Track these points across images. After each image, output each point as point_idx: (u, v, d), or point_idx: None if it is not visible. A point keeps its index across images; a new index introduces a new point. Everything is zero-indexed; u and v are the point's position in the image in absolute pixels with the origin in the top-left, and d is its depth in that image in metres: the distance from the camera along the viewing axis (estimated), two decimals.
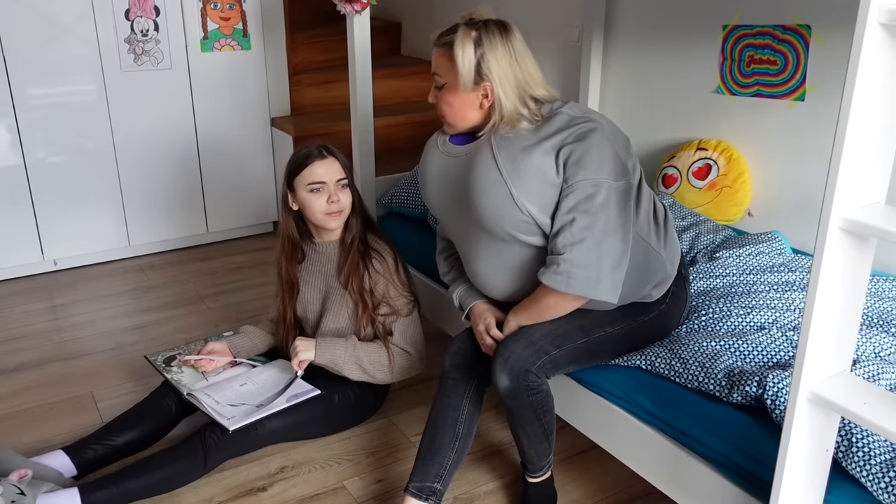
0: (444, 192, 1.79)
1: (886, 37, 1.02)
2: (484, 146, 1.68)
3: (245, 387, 2.05)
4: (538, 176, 1.59)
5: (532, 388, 1.65)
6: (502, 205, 1.63)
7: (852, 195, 1.10)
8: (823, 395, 1.18)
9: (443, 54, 1.67)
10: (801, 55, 2.30)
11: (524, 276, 1.73)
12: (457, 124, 1.73)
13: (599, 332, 1.72)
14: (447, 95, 1.69)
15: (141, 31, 3.16)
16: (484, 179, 1.65)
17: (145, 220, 3.41)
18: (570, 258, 1.56)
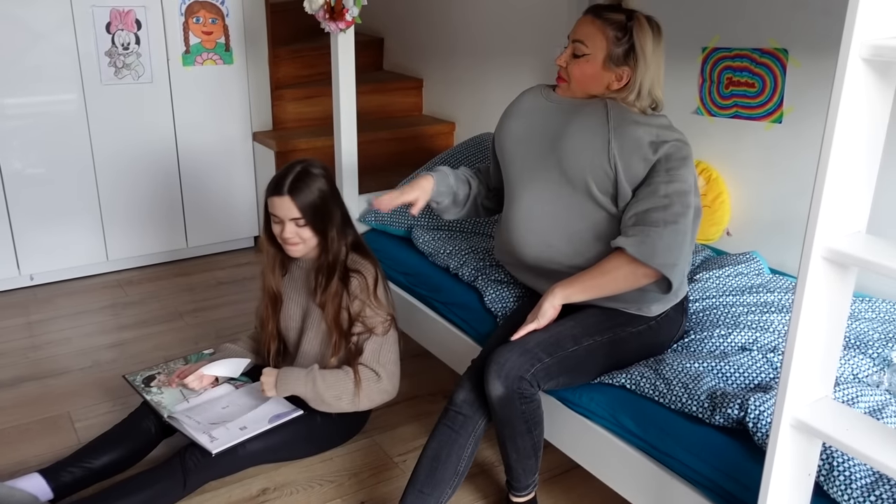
0: (530, 128, 1.88)
1: (868, 71, 1.04)
2: (597, 102, 1.80)
3: (227, 409, 2.03)
4: (637, 144, 1.72)
5: (526, 396, 1.67)
6: (595, 148, 1.75)
7: (834, 225, 1.12)
8: (807, 422, 1.20)
9: (599, 28, 1.75)
10: (778, 78, 2.34)
11: (565, 234, 1.81)
12: (577, 92, 1.83)
13: (589, 340, 1.76)
14: (585, 65, 1.78)
15: (122, 45, 3.14)
16: (589, 123, 1.77)
17: (124, 235, 3.38)
18: (662, 233, 1.66)
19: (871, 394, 1.59)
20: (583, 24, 1.77)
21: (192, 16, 3.26)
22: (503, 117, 1.99)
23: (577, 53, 1.78)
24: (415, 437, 2.28)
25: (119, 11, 3.09)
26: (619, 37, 1.74)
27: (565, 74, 1.83)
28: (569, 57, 1.80)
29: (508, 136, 1.94)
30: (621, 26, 1.74)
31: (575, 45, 1.78)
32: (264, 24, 3.45)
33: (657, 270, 1.67)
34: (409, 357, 2.67)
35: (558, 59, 1.83)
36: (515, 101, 1.99)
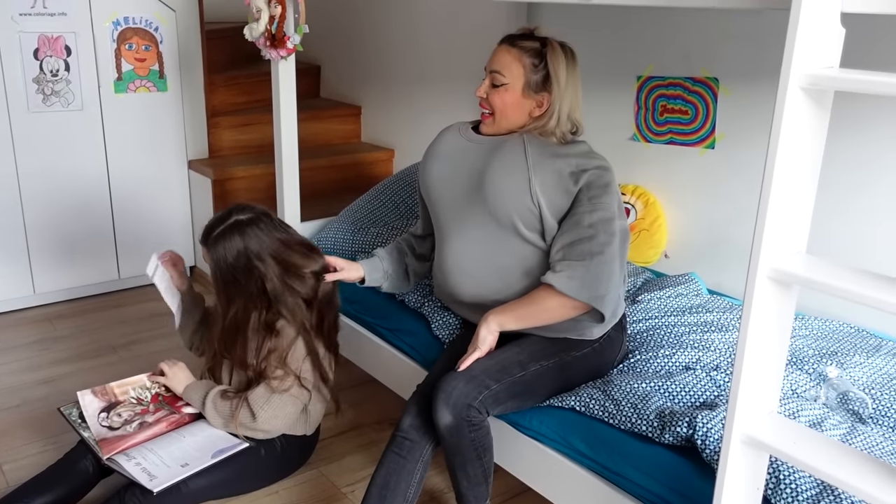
0: (452, 169, 1.89)
1: (805, 99, 1.09)
2: (514, 139, 1.82)
3: (169, 446, 1.96)
4: (557, 178, 1.74)
5: (474, 423, 1.66)
6: (517, 188, 1.76)
7: (778, 246, 1.17)
8: (756, 437, 1.23)
9: (516, 58, 1.76)
10: (710, 106, 2.44)
11: (497, 273, 1.83)
12: (501, 125, 1.84)
13: (536, 365, 1.77)
14: (505, 94, 1.79)
15: (51, 71, 3.04)
16: (508, 162, 1.78)
17: (53, 267, 3.25)
18: (588, 266, 1.67)
19: (811, 408, 1.65)
20: (499, 54, 1.79)
21: (125, 42, 3.19)
22: (425, 159, 1.99)
23: (496, 83, 1.79)
24: (362, 466, 2.25)
25: (48, 37, 3.01)
26: (536, 64, 1.76)
27: (488, 106, 1.83)
28: (488, 87, 1.81)
29: (432, 179, 1.94)
30: (537, 53, 1.76)
31: (493, 76, 1.79)
32: (199, 51, 3.40)
33: (585, 303, 1.69)
34: (354, 385, 2.65)
35: (477, 91, 1.83)
36: (435, 141, 1.99)
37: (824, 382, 1.79)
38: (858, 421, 1.68)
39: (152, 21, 3.23)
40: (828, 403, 1.73)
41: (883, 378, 1.84)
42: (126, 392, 2.11)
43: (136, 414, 2.06)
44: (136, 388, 2.13)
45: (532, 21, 2.86)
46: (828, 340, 2.04)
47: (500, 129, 1.85)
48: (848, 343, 2.02)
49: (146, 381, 2.15)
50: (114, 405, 2.07)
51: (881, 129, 2.06)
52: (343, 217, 2.69)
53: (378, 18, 3.72)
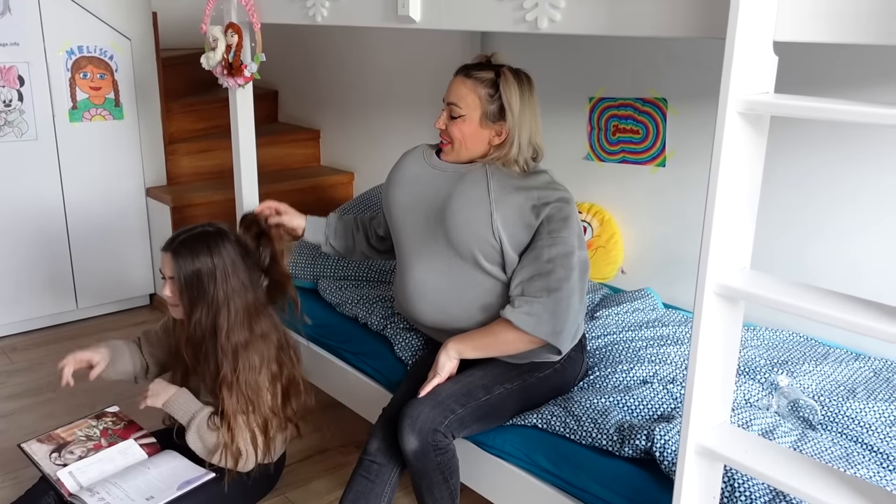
0: (415, 197, 1.90)
1: (743, 123, 1.15)
2: (477, 169, 1.83)
3: (134, 479, 1.94)
4: (519, 212, 1.76)
5: (440, 447, 1.68)
6: (478, 222, 1.77)
7: (723, 262, 1.22)
8: (709, 447, 1.28)
9: (471, 89, 1.78)
10: (659, 125, 2.51)
11: (457, 303, 1.85)
12: (462, 154, 1.85)
13: (500, 388, 1.80)
14: (463, 125, 1.81)
15: (3, 102, 3.01)
16: (469, 195, 1.80)
17: (7, 299, 3.20)
18: (545, 303, 1.70)
19: (763, 417, 1.71)
20: (455, 86, 1.81)
21: (79, 71, 3.17)
22: (388, 183, 2.00)
23: (454, 115, 1.80)
24: (329, 490, 2.25)
25: (0, 68, 2.98)
26: (492, 94, 1.78)
27: (447, 137, 1.85)
28: (446, 119, 1.83)
29: (395, 205, 1.95)
30: (492, 83, 1.78)
31: (450, 108, 1.81)
32: (156, 79, 3.40)
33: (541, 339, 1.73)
34: (319, 409, 2.64)
35: (437, 123, 1.85)
36: (398, 165, 2.00)
37: (775, 391, 1.85)
38: (809, 427, 1.74)
39: (107, 50, 3.22)
40: (779, 411, 1.79)
41: (831, 385, 1.91)
42: (73, 433, 2.09)
43: (88, 450, 2.03)
44: (82, 429, 2.10)
45: (486, 47, 2.92)
46: (778, 350, 2.11)
47: (460, 158, 1.87)
48: (798, 352, 2.10)
49: (91, 421, 2.13)
50: (63, 445, 2.05)
51: (819, 150, 2.15)
52: (304, 242, 2.69)
53: (334, 43, 3.76)
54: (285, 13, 2.12)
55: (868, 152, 2.07)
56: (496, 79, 1.78)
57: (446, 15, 1.67)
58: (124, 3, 3.24)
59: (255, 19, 2.22)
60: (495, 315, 1.80)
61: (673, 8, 1.26)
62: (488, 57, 1.85)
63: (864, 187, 2.08)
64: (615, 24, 1.35)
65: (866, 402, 1.79)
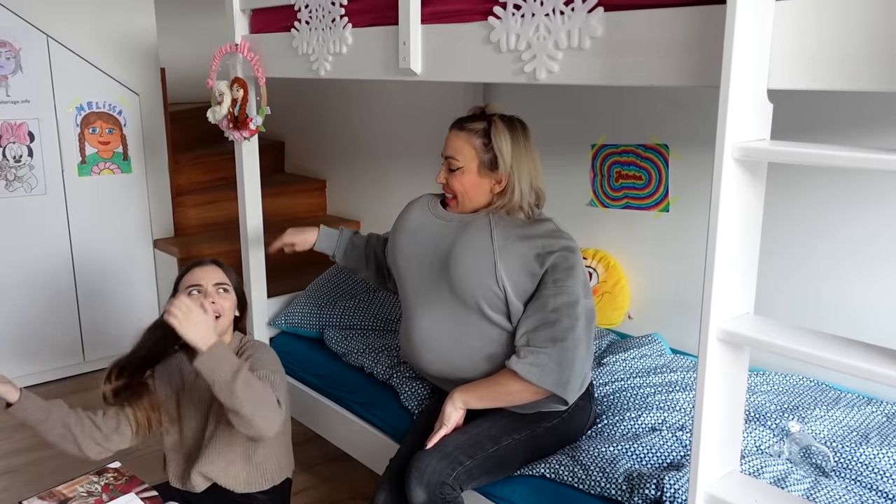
0: (420, 246, 1.90)
1: (740, 170, 1.16)
2: (481, 218, 1.84)
3: None
4: (522, 261, 1.75)
5: (448, 500, 1.67)
6: (482, 272, 1.76)
7: (725, 308, 1.22)
8: (719, 496, 1.26)
9: (466, 140, 1.81)
10: (662, 171, 2.53)
11: (462, 352, 1.83)
12: (466, 205, 1.86)
13: (508, 439, 1.77)
14: (462, 177, 1.83)
15: (13, 157, 3.06)
16: (473, 244, 1.80)
17: (14, 352, 3.20)
18: (551, 354, 1.68)
19: (774, 464, 1.68)
20: (451, 140, 1.84)
21: (88, 126, 3.23)
22: (394, 232, 2.01)
23: (452, 168, 1.83)
24: None
25: (10, 124, 3.04)
26: (486, 143, 1.79)
27: (449, 191, 1.87)
28: (446, 173, 1.85)
29: (400, 255, 1.96)
30: (485, 133, 1.79)
31: (448, 161, 1.84)
32: (163, 133, 3.45)
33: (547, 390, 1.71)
34: (327, 461, 2.62)
35: (437, 178, 1.88)
36: (403, 215, 2.02)
37: (787, 437, 1.82)
38: (821, 475, 1.71)
39: (116, 105, 3.29)
40: (791, 458, 1.76)
41: (843, 430, 1.88)
42: (74, 490, 2.07)
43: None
44: (84, 485, 2.09)
45: (488, 97, 2.96)
46: (788, 395, 2.08)
47: (465, 210, 1.88)
48: (808, 397, 2.07)
49: (93, 477, 2.11)
50: (65, 502, 2.03)
51: (825, 197, 2.16)
52: (309, 292, 2.71)
53: (340, 95, 3.82)
54: (289, 68, 2.16)
55: (876, 200, 2.07)
56: (488, 128, 1.80)
57: (447, 67, 1.70)
58: (133, 60, 3.31)
59: (260, 74, 2.26)
60: (500, 365, 1.79)
61: (668, 58, 1.28)
62: (482, 108, 1.87)
63: (870, 233, 2.08)
64: (612, 75, 1.37)
65: (880, 448, 1.75)
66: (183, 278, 2.00)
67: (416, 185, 3.07)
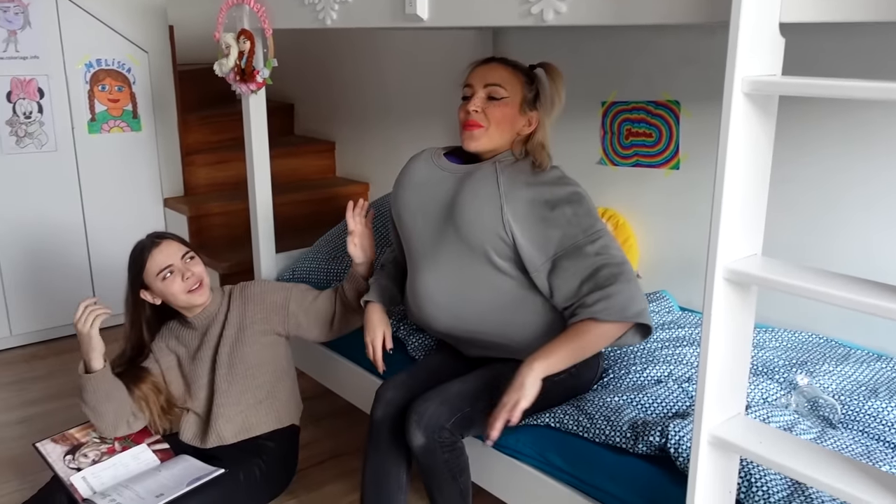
0: (424, 199, 1.87)
1: (749, 105, 1.14)
2: (487, 167, 1.81)
3: (162, 473, 1.96)
4: (531, 207, 1.72)
5: (446, 445, 1.67)
6: (488, 217, 1.74)
7: (732, 248, 1.21)
8: (723, 437, 1.26)
9: (512, 73, 1.79)
10: (673, 128, 2.50)
11: (473, 301, 1.79)
12: (494, 138, 1.80)
13: None
14: (504, 108, 1.78)
15: (24, 113, 3.07)
16: (479, 190, 1.77)
17: (28, 308, 3.24)
18: (621, 288, 1.64)
19: (781, 414, 1.67)
20: (494, 69, 1.79)
21: (98, 84, 3.22)
22: (396, 188, 1.97)
23: (495, 96, 1.77)
24: (343, 493, 2.24)
25: (20, 80, 3.03)
26: (529, 82, 1.80)
27: (483, 120, 1.78)
28: (483, 102, 1.78)
29: (405, 209, 1.92)
30: (527, 73, 1.81)
31: (492, 89, 1.77)
32: (172, 91, 3.44)
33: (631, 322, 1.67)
34: (335, 414, 2.65)
35: (470, 104, 1.78)
36: (405, 170, 1.97)
37: (794, 390, 1.81)
38: (829, 426, 1.70)
39: (125, 62, 3.27)
40: (798, 410, 1.76)
41: (852, 385, 1.87)
42: (87, 434, 2.10)
43: (102, 454, 2.05)
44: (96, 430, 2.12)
45: (497, 49, 2.93)
46: (797, 351, 2.07)
47: (489, 145, 1.80)
48: (817, 353, 2.06)
49: None
50: (77, 447, 2.06)
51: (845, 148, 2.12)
52: (317, 247, 2.71)
53: (347, 55, 3.79)
54: (296, 18, 2.14)
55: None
56: (530, 70, 1.82)
57: (453, 11, 1.68)
58: (141, 17, 3.30)
59: (266, 25, 2.24)
60: (511, 319, 1.77)
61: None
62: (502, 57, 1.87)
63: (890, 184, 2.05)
64: (620, 14, 1.35)
65: (889, 402, 1.74)
66: (146, 265, 2.04)
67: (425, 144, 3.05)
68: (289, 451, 2.18)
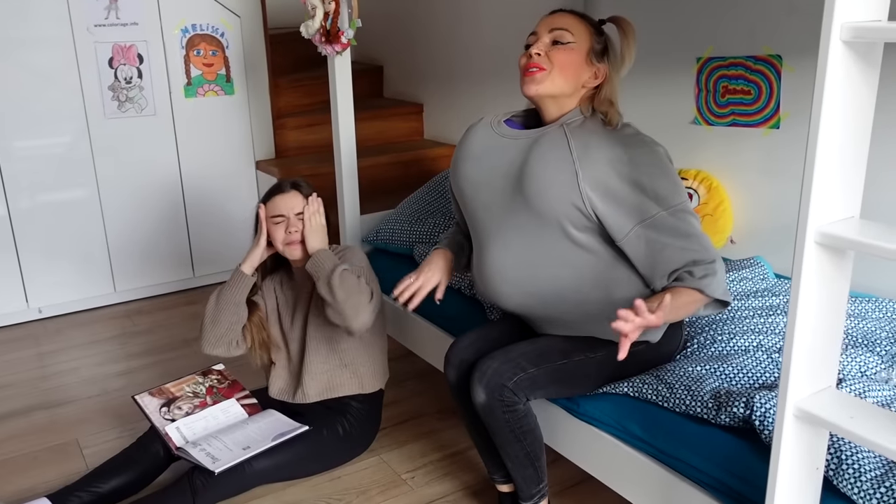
0: (488, 170, 1.74)
1: (849, 53, 1.05)
2: (554, 130, 1.68)
3: (250, 426, 2.05)
4: (609, 166, 1.60)
5: (507, 404, 1.64)
6: (562, 185, 1.61)
7: (827, 210, 1.12)
8: (809, 411, 1.18)
9: (580, 21, 1.70)
10: (773, 84, 2.35)
11: (544, 276, 1.68)
12: (556, 82, 1.67)
13: (580, 356, 1.72)
14: (570, 53, 1.67)
15: (125, 79, 3.19)
16: (549, 156, 1.64)
17: (131, 267, 3.41)
18: (718, 267, 1.59)
19: (879, 389, 1.57)
20: (562, 16, 1.71)
21: (193, 48, 3.32)
22: (455, 161, 1.84)
23: (560, 41, 1.67)
24: (422, 454, 2.27)
25: (121, 46, 3.15)
26: (598, 35, 1.71)
27: (545, 63, 1.66)
28: (546, 46, 1.67)
29: (467, 182, 1.79)
30: (597, 25, 1.72)
31: (557, 33, 1.67)
32: (264, 55, 3.51)
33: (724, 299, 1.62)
34: (417, 376, 2.67)
35: (533, 48, 1.67)
36: (465, 140, 1.84)
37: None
38: None
39: (218, 27, 3.35)
40: None
41: None
42: (181, 389, 2.21)
43: (195, 406, 2.15)
44: (190, 385, 2.23)
45: (588, 7, 2.83)
46: None
47: (552, 89, 1.67)
48: None
49: (198, 377, 2.25)
50: (172, 400, 2.17)
51: None
52: (401, 209, 2.72)
53: (437, 16, 3.75)
54: None
55: None
56: (600, 24, 1.73)
57: None
58: None
59: None
60: (593, 297, 1.67)
61: None
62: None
63: None
64: None
65: None
66: (267, 205, 2.11)
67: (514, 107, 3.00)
68: (372, 412, 2.22)
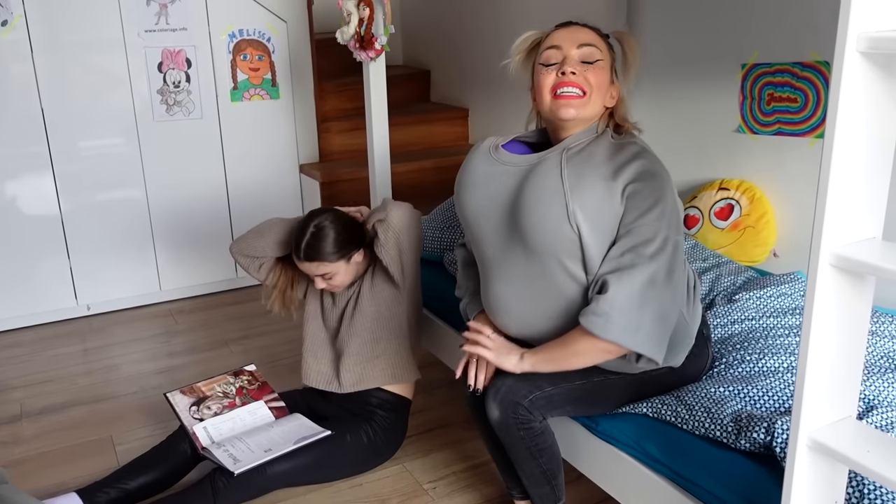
0: (487, 199, 1.65)
1: (867, 65, 0.98)
2: (551, 158, 1.58)
3: (274, 430, 2.07)
4: (600, 195, 1.50)
5: (522, 422, 1.60)
6: (554, 218, 1.52)
7: (844, 230, 1.06)
8: (824, 442, 1.12)
9: (597, 37, 1.60)
10: (820, 92, 2.25)
11: (546, 310, 1.61)
12: (592, 107, 1.57)
13: (600, 377, 1.66)
14: (600, 73, 1.57)
15: (173, 83, 3.26)
16: (542, 188, 1.55)
17: (176, 266, 3.48)
18: (611, 299, 1.44)
19: None
20: (585, 32, 1.59)
21: (240, 53, 3.37)
22: (457, 185, 1.76)
23: (589, 60, 1.56)
24: (447, 464, 2.24)
25: (170, 51, 3.23)
26: (611, 49, 1.62)
27: (584, 84, 1.55)
28: (580, 66, 1.55)
29: (468, 211, 1.70)
30: (605, 40, 1.63)
31: (587, 51, 1.56)
32: (309, 60, 3.54)
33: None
34: (443, 385, 2.65)
35: (568, 66, 1.54)
36: (466, 166, 1.75)
37: None
38: None
39: (265, 32, 3.40)
40: None
41: None
42: (212, 388, 2.24)
43: (224, 407, 2.18)
44: (221, 385, 2.26)
45: (632, 12, 2.76)
46: None
47: (590, 113, 1.57)
48: None
49: (230, 378, 2.28)
50: (202, 399, 2.20)
51: None
52: (433, 215, 2.70)
53: (483, 21, 3.73)
54: None
55: None
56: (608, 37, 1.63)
57: None
58: None
59: None
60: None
61: None
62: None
63: None
64: None
65: None
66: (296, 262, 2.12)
67: None
68: (398, 422, 2.22)
